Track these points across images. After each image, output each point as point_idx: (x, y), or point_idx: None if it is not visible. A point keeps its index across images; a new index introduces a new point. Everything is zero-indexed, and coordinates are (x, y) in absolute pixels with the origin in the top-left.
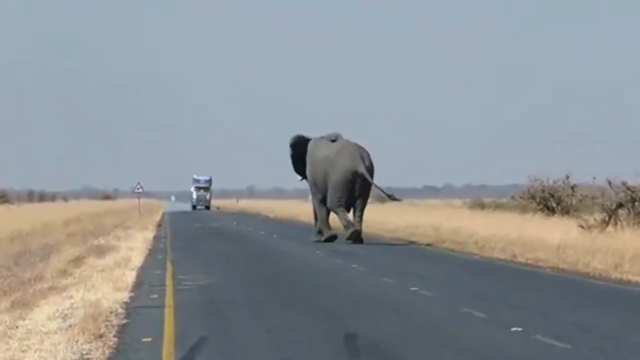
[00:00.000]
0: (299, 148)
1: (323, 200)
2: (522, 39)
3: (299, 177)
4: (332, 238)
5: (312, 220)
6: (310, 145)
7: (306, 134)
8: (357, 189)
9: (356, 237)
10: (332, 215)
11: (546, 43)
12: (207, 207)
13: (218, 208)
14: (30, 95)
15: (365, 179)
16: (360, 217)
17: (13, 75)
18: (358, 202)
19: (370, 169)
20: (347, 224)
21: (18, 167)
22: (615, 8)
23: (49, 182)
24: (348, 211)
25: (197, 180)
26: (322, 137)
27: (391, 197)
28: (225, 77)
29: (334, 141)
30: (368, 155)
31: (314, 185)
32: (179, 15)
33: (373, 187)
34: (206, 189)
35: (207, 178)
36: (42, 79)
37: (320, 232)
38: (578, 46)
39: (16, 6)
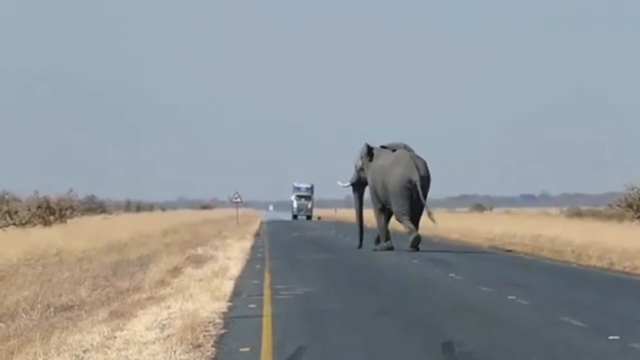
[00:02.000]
0: (372, 157)
1: (382, 209)
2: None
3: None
4: (389, 248)
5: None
6: (379, 153)
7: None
8: (415, 197)
9: (417, 243)
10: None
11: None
12: (309, 217)
13: (319, 218)
14: (126, 109)
15: (420, 187)
16: (416, 224)
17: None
18: (415, 211)
19: (427, 179)
20: (410, 231)
21: (116, 178)
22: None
23: (147, 193)
24: (415, 217)
25: (298, 189)
26: (383, 146)
27: (429, 215)
28: (325, 86)
29: (394, 151)
30: (425, 164)
31: (374, 194)
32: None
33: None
34: (307, 198)
35: (309, 186)
36: (151, 91)
37: (378, 241)
38: None
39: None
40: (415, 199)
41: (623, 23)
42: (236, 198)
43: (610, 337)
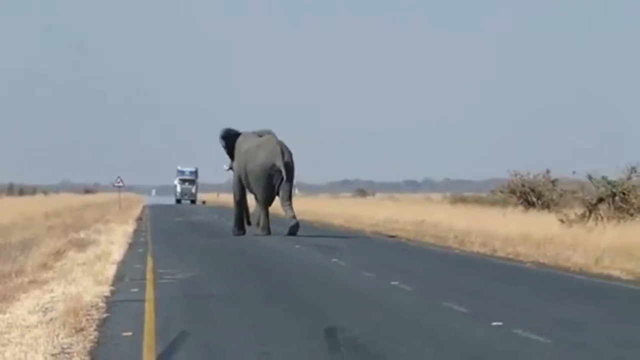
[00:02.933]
0: (229, 141)
1: (243, 199)
2: (514, 40)
3: (226, 167)
4: (241, 233)
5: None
6: (239, 139)
7: (239, 129)
8: (276, 182)
9: (293, 230)
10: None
11: (543, 43)
12: (193, 201)
13: (204, 203)
14: (8, 89)
15: (285, 172)
16: (290, 205)
17: None
18: (282, 192)
19: (291, 165)
20: (264, 225)
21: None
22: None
23: (29, 176)
24: (271, 203)
25: (182, 172)
26: (252, 132)
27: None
28: (208, 65)
29: (261, 136)
30: (289, 151)
31: (239, 181)
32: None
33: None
34: (192, 182)
35: (193, 169)
36: (20, 72)
37: (238, 226)
38: (565, 47)
39: None
40: (278, 182)
41: (623, 23)
42: (118, 182)
43: (494, 323)
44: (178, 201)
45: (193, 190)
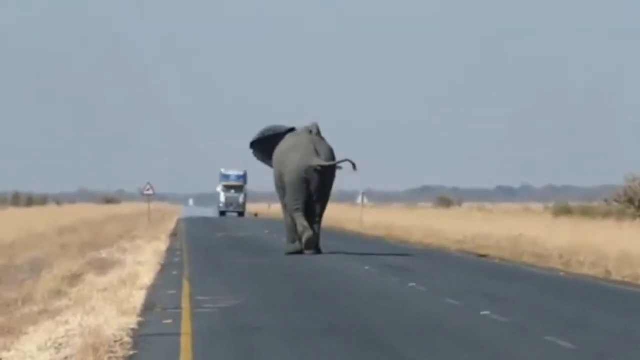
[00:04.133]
0: (267, 145)
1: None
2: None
3: None
4: (296, 251)
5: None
6: (287, 136)
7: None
8: (313, 188)
9: (314, 245)
10: None
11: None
12: (241, 214)
13: (256, 215)
14: (14, 81)
15: (322, 175)
16: (319, 222)
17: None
18: (316, 204)
19: (330, 168)
20: (303, 230)
21: (1, 165)
22: None
23: (39, 183)
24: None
25: (227, 177)
26: (304, 128)
27: (353, 164)
28: (258, 60)
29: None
30: (330, 151)
31: (277, 185)
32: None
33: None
34: (239, 189)
35: (241, 173)
36: (28, 64)
37: (292, 241)
38: None
39: None
40: (315, 190)
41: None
42: (148, 190)
43: None
44: (222, 213)
45: (241, 199)
